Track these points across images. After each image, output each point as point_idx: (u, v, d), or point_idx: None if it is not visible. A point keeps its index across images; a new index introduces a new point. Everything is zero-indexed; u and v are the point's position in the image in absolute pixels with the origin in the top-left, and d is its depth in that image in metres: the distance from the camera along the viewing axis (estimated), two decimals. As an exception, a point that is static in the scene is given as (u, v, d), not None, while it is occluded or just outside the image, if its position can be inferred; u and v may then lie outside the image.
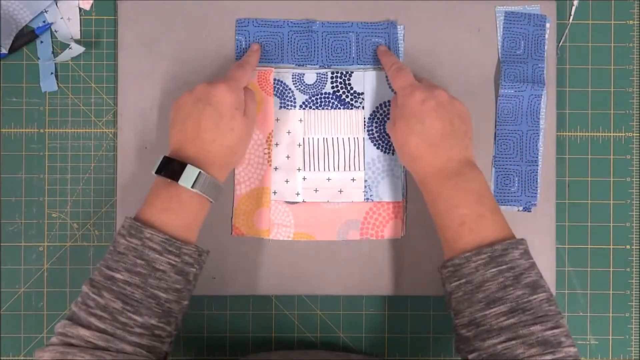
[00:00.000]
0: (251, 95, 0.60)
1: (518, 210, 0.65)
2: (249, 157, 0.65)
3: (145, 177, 0.64)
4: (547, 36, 0.65)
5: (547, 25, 0.65)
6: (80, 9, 0.67)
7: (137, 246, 0.52)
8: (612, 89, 0.67)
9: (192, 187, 0.53)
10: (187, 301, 0.55)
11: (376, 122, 0.65)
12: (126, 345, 0.49)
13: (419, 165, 0.57)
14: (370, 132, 0.65)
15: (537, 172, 0.65)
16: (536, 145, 0.65)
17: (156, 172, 0.54)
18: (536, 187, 0.65)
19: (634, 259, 0.67)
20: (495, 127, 0.65)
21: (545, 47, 0.65)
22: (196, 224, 0.55)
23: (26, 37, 0.65)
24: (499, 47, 0.65)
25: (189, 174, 0.53)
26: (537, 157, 0.65)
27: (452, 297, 0.53)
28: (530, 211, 0.65)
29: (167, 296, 0.52)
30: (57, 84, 0.66)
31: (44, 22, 0.66)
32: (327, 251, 0.65)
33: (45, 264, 0.66)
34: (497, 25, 0.65)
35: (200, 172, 0.53)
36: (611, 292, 0.67)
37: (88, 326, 0.49)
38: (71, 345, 0.49)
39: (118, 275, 0.51)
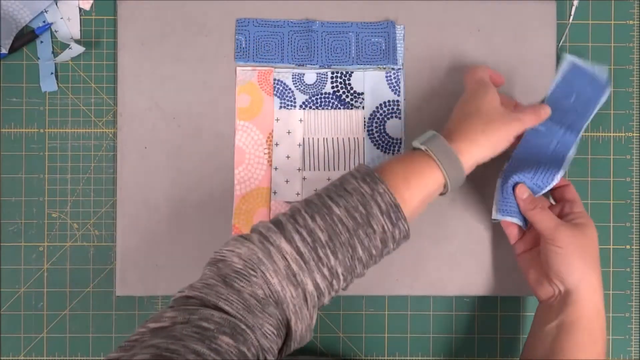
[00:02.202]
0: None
1: (522, 225, 0.60)
2: (248, 157, 0.65)
3: (145, 177, 0.64)
4: (601, 102, 0.62)
5: (607, 92, 0.63)
6: (80, 9, 0.67)
7: (365, 193, 0.49)
8: (612, 89, 0.67)
9: (422, 144, 0.53)
10: (365, 271, 0.52)
11: (376, 122, 0.65)
12: (309, 281, 0.47)
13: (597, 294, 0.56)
14: (370, 132, 0.65)
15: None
16: (549, 181, 0.59)
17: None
18: None
19: (634, 259, 0.67)
20: (515, 148, 0.61)
21: (594, 111, 0.62)
22: (419, 199, 0.52)
23: (26, 37, 0.65)
24: (551, 87, 0.63)
25: (425, 135, 0.54)
26: (546, 186, 0.60)
27: None
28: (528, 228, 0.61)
29: (362, 255, 0.49)
30: (57, 84, 0.66)
31: (44, 22, 0.66)
32: (327, 251, 0.65)
33: (45, 264, 0.66)
34: (560, 68, 0.64)
35: (435, 133, 0.54)
36: (611, 292, 0.67)
37: (290, 241, 0.47)
38: (269, 255, 0.46)
39: (336, 209, 0.49)
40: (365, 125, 0.65)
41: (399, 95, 0.65)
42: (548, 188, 0.59)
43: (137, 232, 0.64)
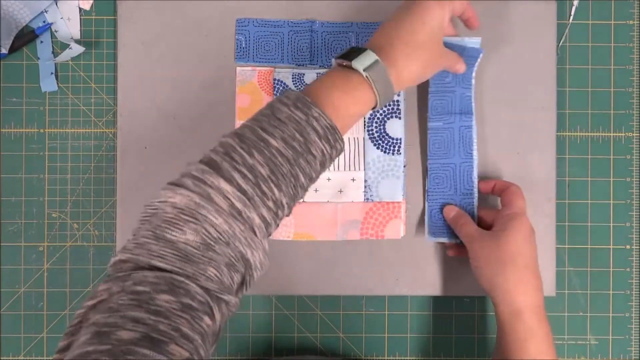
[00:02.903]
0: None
1: (455, 242, 0.62)
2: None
3: (146, 177, 0.64)
4: (476, 66, 0.61)
5: (480, 56, 0.61)
6: (80, 9, 0.67)
7: (300, 120, 0.48)
8: (612, 89, 0.67)
9: (364, 70, 0.51)
10: (305, 193, 0.51)
11: (376, 122, 0.65)
12: (256, 216, 0.45)
13: (525, 295, 0.56)
14: (370, 132, 0.65)
15: (473, 204, 0.62)
16: (470, 177, 0.62)
17: (337, 57, 0.53)
18: (474, 220, 0.62)
19: (634, 259, 0.67)
20: (427, 160, 0.64)
21: (473, 75, 0.62)
22: (353, 119, 0.52)
23: (26, 37, 0.65)
24: (430, 80, 0.63)
25: (365, 57, 0.51)
26: (472, 189, 0.62)
27: None
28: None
29: (304, 181, 0.48)
30: (57, 84, 0.66)
31: (44, 22, 0.66)
32: (327, 251, 0.65)
33: (45, 264, 0.66)
34: None
35: (377, 59, 0.51)
36: (611, 292, 0.67)
37: (230, 180, 0.45)
38: (208, 197, 0.44)
39: (272, 141, 0.47)
40: (365, 125, 0.65)
41: (399, 95, 0.65)
42: (475, 191, 0.62)
43: (137, 232, 0.64)
